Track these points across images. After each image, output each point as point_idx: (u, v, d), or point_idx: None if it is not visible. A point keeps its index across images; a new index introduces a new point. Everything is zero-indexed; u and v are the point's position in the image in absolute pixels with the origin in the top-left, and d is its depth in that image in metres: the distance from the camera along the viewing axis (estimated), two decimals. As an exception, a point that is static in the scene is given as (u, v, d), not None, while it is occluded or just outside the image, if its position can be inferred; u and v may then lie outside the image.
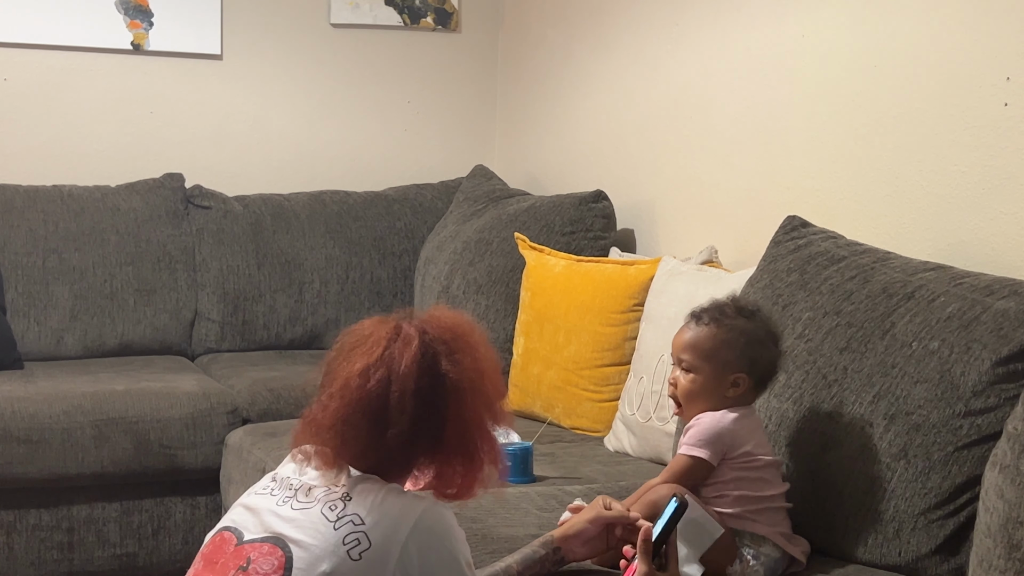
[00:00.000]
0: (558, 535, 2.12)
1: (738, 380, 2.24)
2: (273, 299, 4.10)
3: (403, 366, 1.72)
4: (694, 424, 2.24)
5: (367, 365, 1.72)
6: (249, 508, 1.77)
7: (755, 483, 2.22)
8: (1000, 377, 2.16)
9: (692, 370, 2.26)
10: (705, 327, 2.26)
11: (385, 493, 1.70)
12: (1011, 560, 1.90)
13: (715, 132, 3.45)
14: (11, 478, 3.30)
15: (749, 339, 2.24)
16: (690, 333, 2.27)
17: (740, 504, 2.21)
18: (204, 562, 1.75)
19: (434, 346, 1.77)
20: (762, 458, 2.24)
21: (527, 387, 3.43)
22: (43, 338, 3.87)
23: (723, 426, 2.21)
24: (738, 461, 2.22)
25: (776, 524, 2.24)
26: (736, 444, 2.21)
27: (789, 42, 3.16)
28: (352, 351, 1.75)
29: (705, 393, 2.24)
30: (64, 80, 4.18)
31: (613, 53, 3.93)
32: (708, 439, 2.20)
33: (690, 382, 2.26)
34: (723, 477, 2.22)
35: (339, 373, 1.74)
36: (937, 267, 2.44)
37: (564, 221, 3.73)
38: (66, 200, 3.98)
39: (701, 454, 2.20)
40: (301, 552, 1.65)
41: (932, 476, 2.17)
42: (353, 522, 1.67)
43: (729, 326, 2.24)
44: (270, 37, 4.41)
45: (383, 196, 4.36)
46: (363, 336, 1.77)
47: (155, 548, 3.48)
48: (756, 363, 2.24)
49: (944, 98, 2.69)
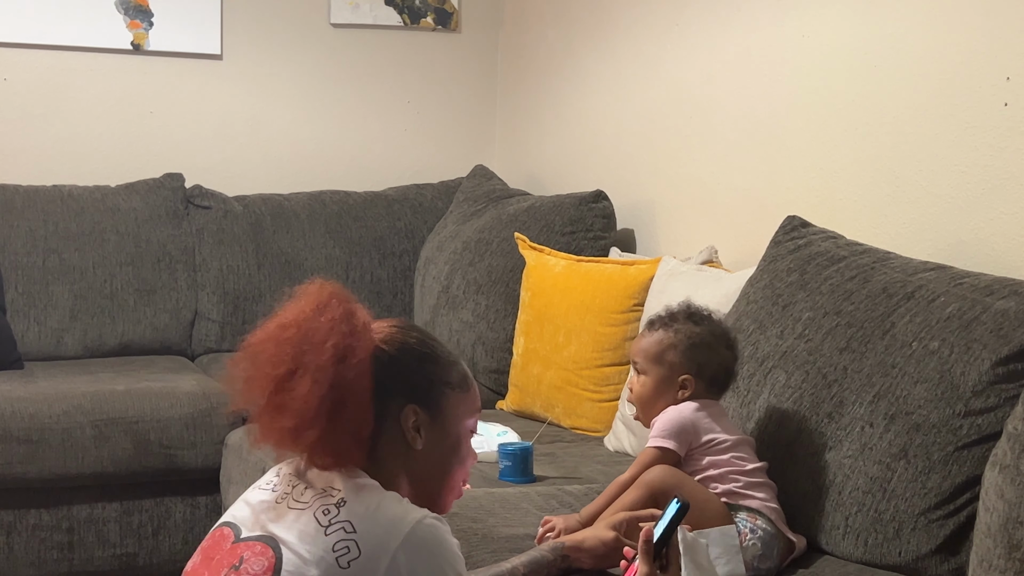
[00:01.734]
0: (569, 543, 2.12)
1: (685, 382, 2.33)
2: (273, 299, 4.05)
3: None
4: (659, 418, 2.32)
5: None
6: (250, 504, 1.76)
7: (733, 460, 2.28)
8: (1000, 377, 2.16)
9: (643, 373, 2.36)
10: (655, 332, 2.37)
11: (380, 501, 1.67)
12: (1011, 560, 1.91)
13: (715, 132, 3.45)
14: (11, 478, 3.30)
15: (694, 342, 2.34)
16: (643, 339, 2.39)
17: (728, 482, 2.26)
18: (202, 556, 1.75)
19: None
20: (730, 438, 2.30)
21: (527, 387, 3.43)
22: (43, 338, 3.87)
23: (684, 416, 2.30)
24: (706, 447, 2.28)
25: (767, 499, 2.27)
26: (700, 432, 2.29)
27: (789, 42, 3.16)
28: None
29: (656, 395, 2.34)
30: (64, 80, 4.18)
31: (613, 53, 3.93)
32: (672, 429, 2.28)
33: (641, 385, 2.36)
34: (698, 465, 2.29)
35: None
36: (937, 267, 2.44)
37: (564, 221, 3.73)
38: (66, 200, 3.98)
39: (667, 444, 2.28)
40: (291, 555, 1.64)
41: (932, 476, 2.17)
42: (344, 529, 1.64)
43: (676, 329, 2.35)
44: (270, 37, 4.41)
45: (383, 196, 4.36)
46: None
47: (155, 548, 3.48)
48: (704, 365, 2.34)
49: (944, 98, 2.69)
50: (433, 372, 1.79)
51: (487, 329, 3.66)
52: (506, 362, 3.57)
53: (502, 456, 2.85)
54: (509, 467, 2.84)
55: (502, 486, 2.75)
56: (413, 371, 1.77)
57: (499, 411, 3.51)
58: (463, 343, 3.67)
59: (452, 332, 3.73)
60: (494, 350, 3.62)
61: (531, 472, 2.86)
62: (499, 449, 2.86)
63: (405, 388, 1.76)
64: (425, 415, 1.76)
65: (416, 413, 1.76)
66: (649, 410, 2.35)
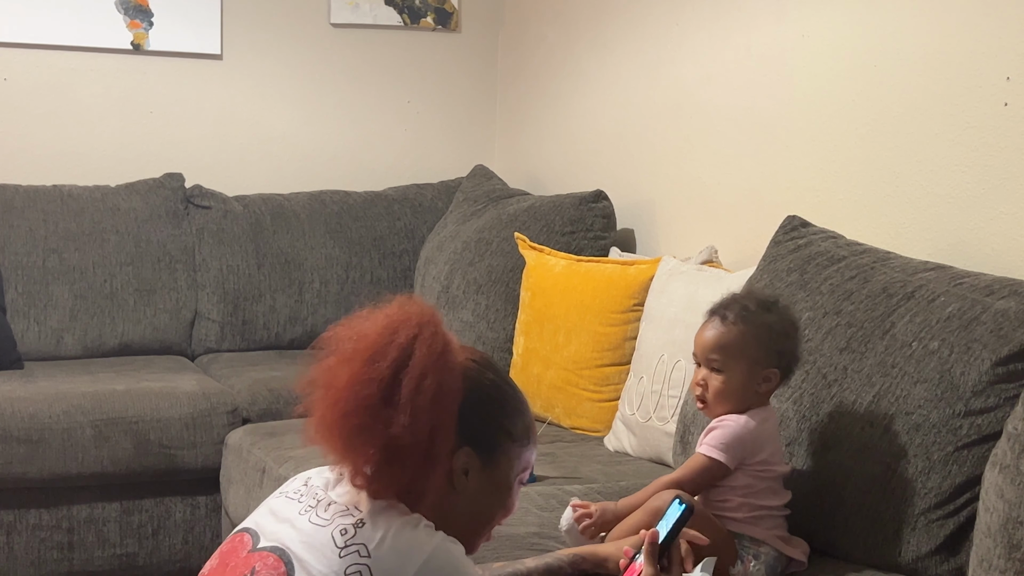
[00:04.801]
0: (590, 559, 2.05)
1: (769, 375, 2.23)
2: (273, 299, 4.10)
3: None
4: (717, 426, 2.22)
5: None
6: (273, 512, 1.73)
7: (762, 493, 2.22)
8: (1000, 377, 2.16)
9: (723, 370, 2.23)
10: (732, 325, 2.23)
11: (400, 526, 1.62)
12: (1011, 560, 1.91)
13: (715, 132, 3.45)
14: (11, 478, 3.30)
15: (775, 333, 2.22)
16: (717, 332, 2.24)
17: (741, 511, 2.22)
18: (220, 560, 1.73)
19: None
20: (775, 469, 2.24)
21: (527, 387, 3.43)
22: (43, 338, 3.87)
23: (746, 432, 2.20)
24: (753, 468, 2.21)
25: (772, 528, 2.24)
26: (755, 450, 2.21)
27: (789, 42, 3.16)
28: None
29: (738, 391, 2.22)
30: (64, 80, 4.18)
31: (613, 53, 3.93)
32: (730, 443, 2.19)
33: (721, 382, 2.23)
34: (734, 482, 2.22)
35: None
36: (937, 267, 2.44)
37: (564, 221, 3.73)
38: (66, 200, 3.98)
39: (720, 457, 2.19)
40: (303, 572, 1.62)
41: (932, 476, 2.17)
42: (359, 552, 1.60)
43: (756, 323, 2.22)
44: (270, 37, 4.41)
45: (383, 196, 4.36)
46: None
47: (155, 548, 3.48)
48: (783, 356, 2.24)
49: (944, 98, 2.69)
50: (498, 419, 1.74)
51: (487, 329, 3.66)
52: (506, 362, 3.57)
53: (502, 456, 2.84)
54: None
55: (502, 486, 2.74)
56: (478, 414, 1.71)
57: (499, 411, 3.51)
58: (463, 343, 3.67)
59: (452, 332, 3.73)
60: (494, 350, 3.62)
61: (531, 472, 2.85)
62: (499, 449, 2.86)
63: (466, 429, 1.69)
64: (477, 460, 1.70)
65: (469, 456, 1.70)
66: (722, 406, 2.23)
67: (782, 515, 2.26)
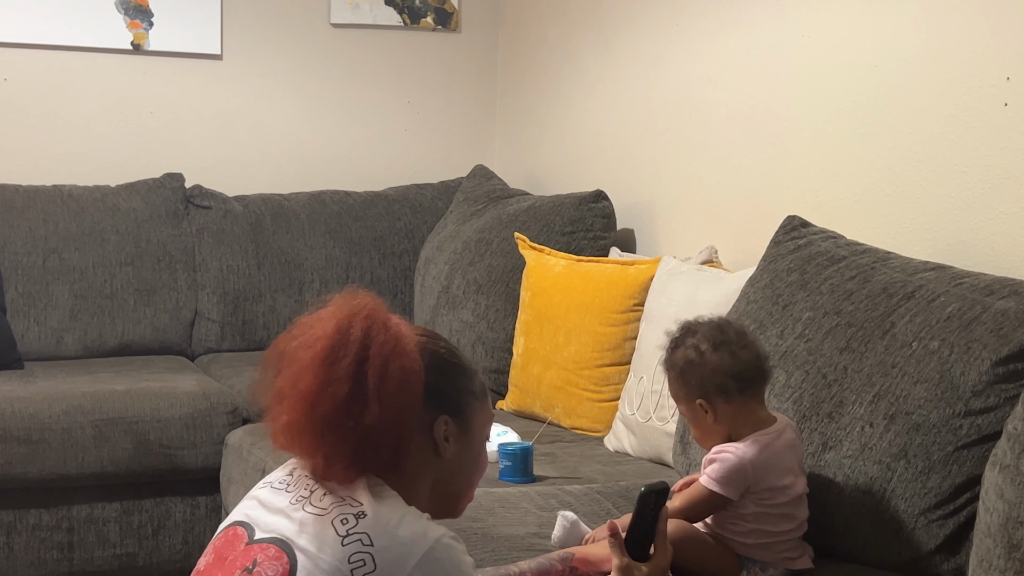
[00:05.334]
0: (579, 555, 2.10)
1: (704, 407, 2.20)
2: (273, 299, 4.10)
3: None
4: (716, 458, 2.19)
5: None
6: (263, 503, 1.73)
7: (772, 519, 2.19)
8: (1000, 377, 2.16)
9: (685, 417, 2.30)
10: (669, 376, 2.27)
11: (402, 517, 1.64)
12: (1011, 560, 1.90)
13: (715, 132, 3.45)
14: (11, 478, 3.30)
15: (678, 369, 2.22)
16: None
17: (751, 536, 2.19)
18: (215, 555, 1.73)
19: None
20: (787, 492, 2.19)
21: (527, 387, 3.43)
22: (43, 338, 3.87)
23: (745, 461, 2.16)
24: (760, 496, 2.18)
25: (783, 551, 2.21)
26: (759, 479, 2.17)
27: (789, 42, 3.16)
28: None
29: (699, 430, 2.25)
30: (64, 80, 4.18)
31: (613, 53, 3.93)
32: (729, 476, 2.16)
33: (691, 428, 2.29)
34: (743, 509, 2.19)
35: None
36: (937, 267, 2.44)
37: (564, 221, 3.73)
38: (66, 200, 3.98)
39: (721, 491, 2.16)
40: (306, 561, 1.61)
41: (932, 476, 2.17)
42: (362, 541, 1.61)
43: (668, 366, 2.25)
44: (270, 37, 4.41)
45: (383, 196, 4.36)
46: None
47: (155, 548, 3.48)
48: (702, 384, 2.19)
49: (944, 98, 2.69)
50: (461, 382, 1.79)
51: (487, 329, 3.66)
52: (506, 362, 3.57)
53: (502, 456, 2.85)
54: (509, 467, 2.84)
55: (502, 486, 2.75)
56: (444, 382, 1.76)
57: (499, 411, 3.51)
58: (463, 343, 3.67)
59: (452, 332, 3.73)
60: (494, 350, 3.62)
61: (531, 472, 2.86)
62: (499, 449, 2.86)
63: (438, 399, 1.74)
64: (455, 426, 1.75)
65: (447, 423, 1.75)
66: (710, 443, 2.22)
67: (795, 537, 2.22)
